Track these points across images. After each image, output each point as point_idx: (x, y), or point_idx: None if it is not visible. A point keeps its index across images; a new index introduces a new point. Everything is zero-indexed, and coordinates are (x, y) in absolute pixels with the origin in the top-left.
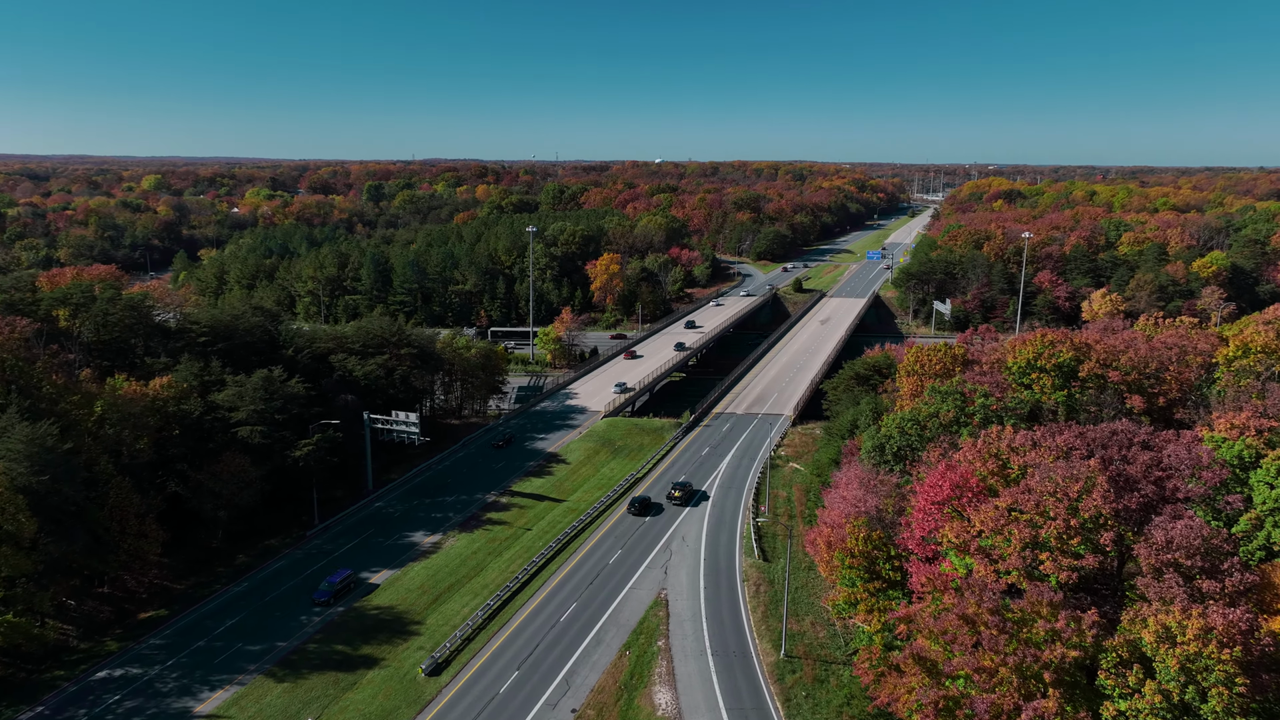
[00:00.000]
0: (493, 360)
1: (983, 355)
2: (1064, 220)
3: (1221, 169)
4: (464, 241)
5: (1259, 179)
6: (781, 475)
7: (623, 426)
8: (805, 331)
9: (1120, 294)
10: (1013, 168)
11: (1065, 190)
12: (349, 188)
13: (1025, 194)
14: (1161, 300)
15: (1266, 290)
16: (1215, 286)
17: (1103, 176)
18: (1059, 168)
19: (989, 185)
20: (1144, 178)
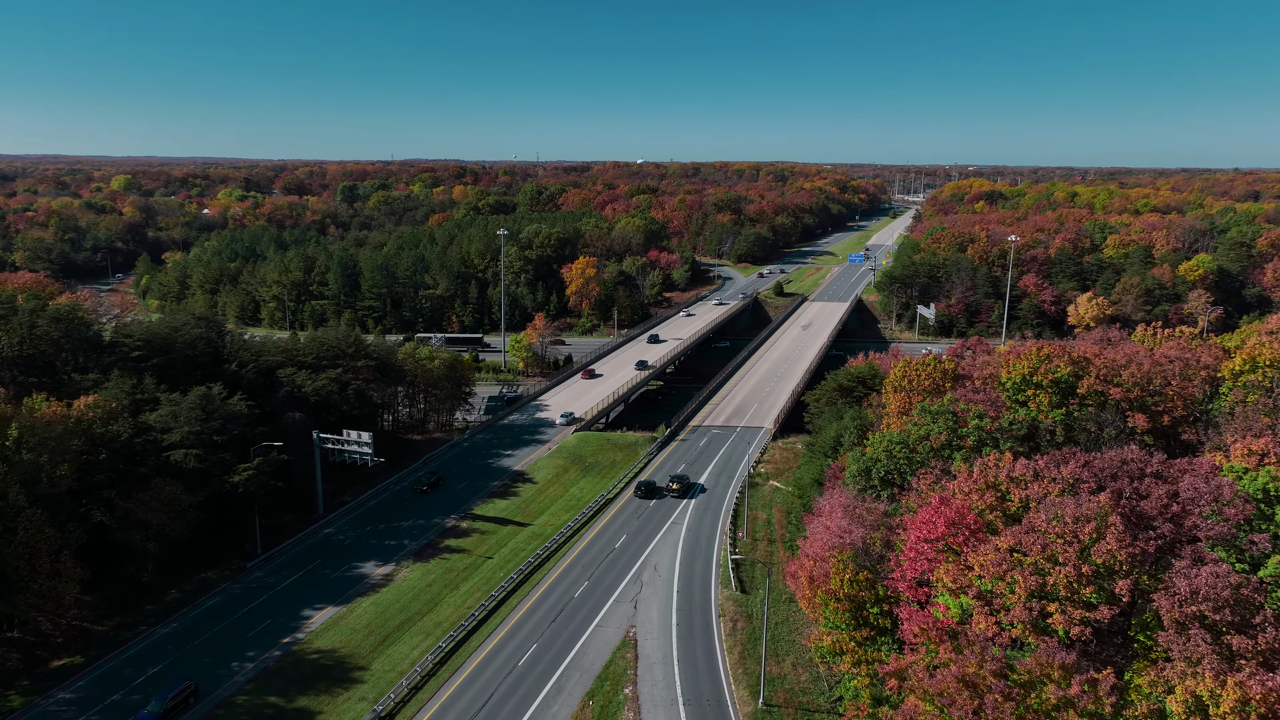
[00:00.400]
0: (458, 371)
1: (974, 369)
2: (1048, 223)
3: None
4: (436, 244)
5: (1235, 180)
6: (761, 494)
7: (594, 441)
8: (786, 338)
9: (1106, 298)
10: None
11: (1046, 191)
12: (324, 188)
13: (1007, 195)
14: (1148, 304)
15: (1253, 294)
16: (1202, 290)
17: (1081, 177)
18: (1038, 168)
19: (970, 186)
20: (1122, 179)
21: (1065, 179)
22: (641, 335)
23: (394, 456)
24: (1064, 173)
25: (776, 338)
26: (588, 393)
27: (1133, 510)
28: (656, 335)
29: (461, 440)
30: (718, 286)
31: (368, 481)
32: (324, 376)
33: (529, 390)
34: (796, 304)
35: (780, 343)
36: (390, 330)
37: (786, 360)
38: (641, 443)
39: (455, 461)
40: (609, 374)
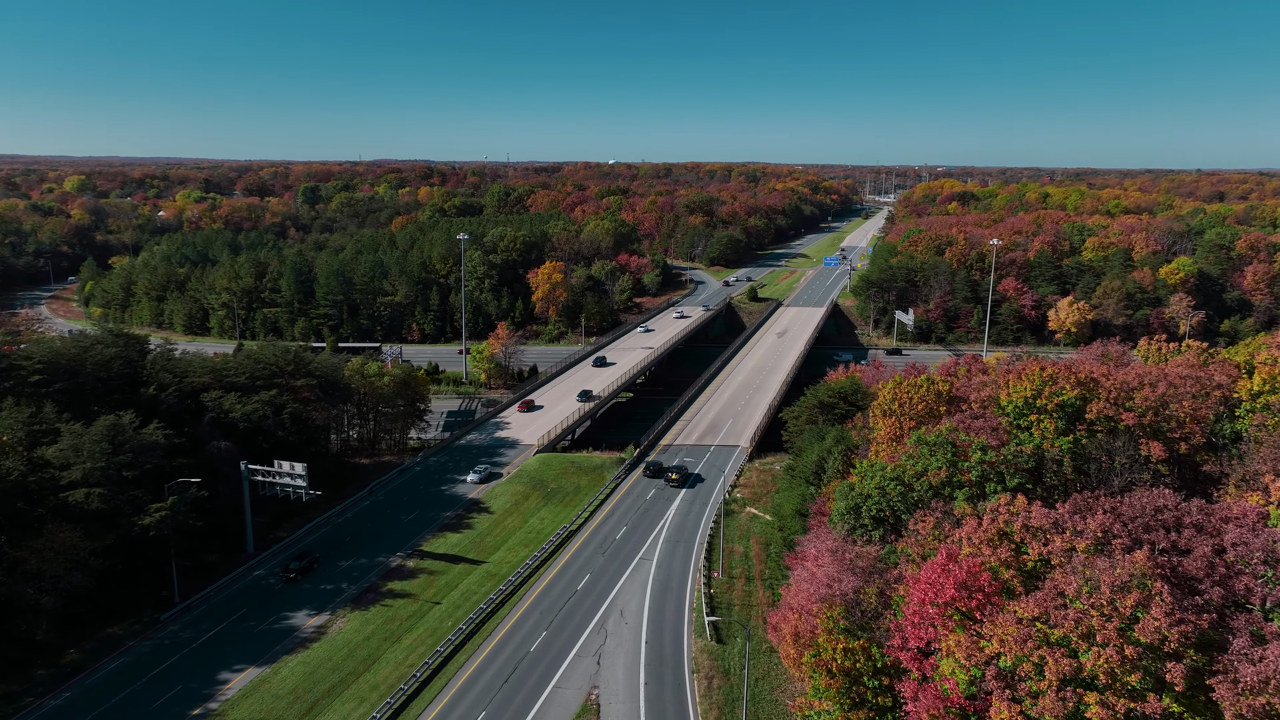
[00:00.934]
0: (412, 386)
1: (970, 391)
2: (1025, 225)
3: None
4: (396, 248)
5: (1200, 181)
6: (738, 523)
7: (557, 464)
8: (761, 346)
9: (1087, 302)
10: (961, 169)
11: (1018, 192)
12: (288, 190)
13: (979, 196)
14: (1129, 308)
15: (1233, 297)
16: (1183, 294)
17: (1049, 178)
18: (1005, 169)
19: (941, 187)
20: (1090, 179)
21: (1033, 179)
22: (624, 337)
23: (339, 483)
24: (1031, 173)
25: (751, 346)
26: (552, 408)
27: (1173, 570)
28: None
29: (414, 464)
30: (690, 291)
31: (306, 514)
32: (256, 399)
33: (489, 407)
34: (771, 309)
35: (755, 351)
36: (347, 339)
37: (762, 370)
38: (608, 465)
39: (405, 489)
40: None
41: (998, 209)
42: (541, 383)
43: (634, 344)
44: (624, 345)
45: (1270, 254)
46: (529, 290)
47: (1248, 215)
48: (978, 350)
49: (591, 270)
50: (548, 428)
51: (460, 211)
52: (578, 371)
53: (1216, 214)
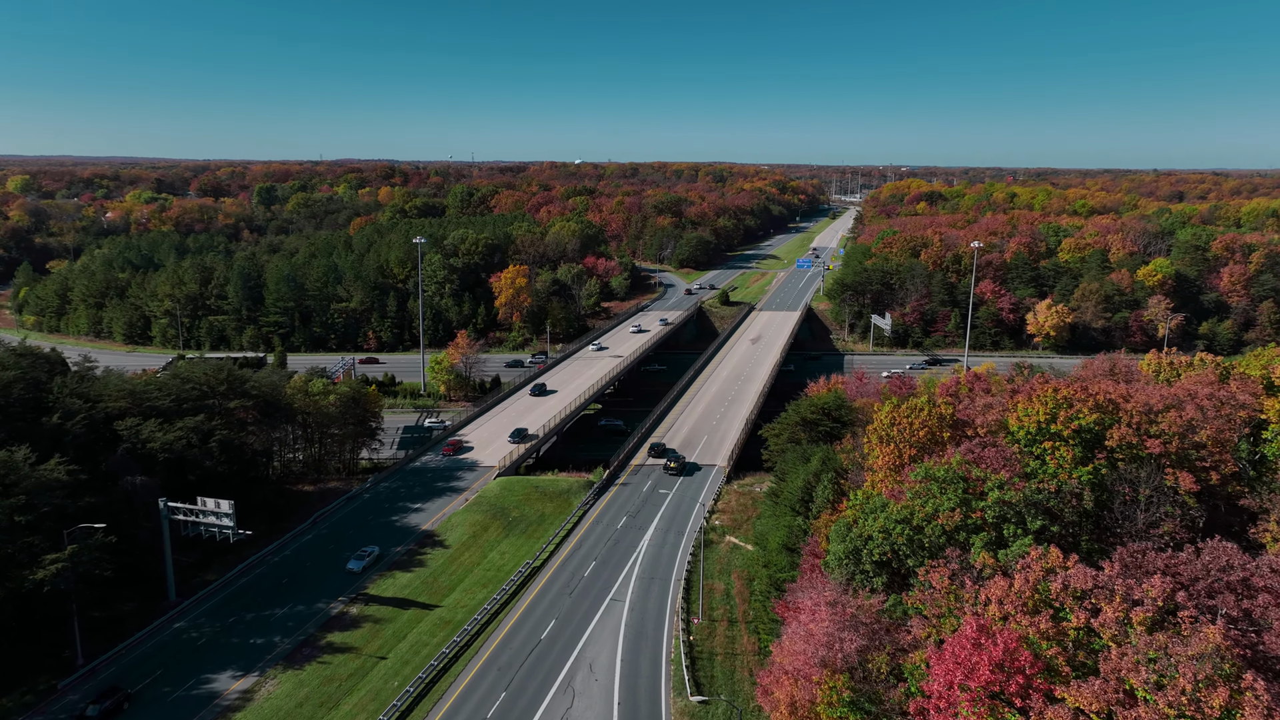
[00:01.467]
0: (362, 404)
1: (975, 414)
2: (1000, 225)
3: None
4: (353, 251)
5: (1159, 181)
6: (717, 555)
7: (520, 489)
8: (735, 353)
9: (1066, 304)
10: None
11: (985, 192)
12: (244, 190)
13: (946, 196)
14: (1108, 311)
15: (1210, 299)
16: (1161, 296)
17: (1012, 178)
18: (969, 169)
19: (908, 187)
20: (1051, 179)
21: (996, 179)
22: (590, 344)
23: (278, 514)
24: (994, 173)
25: (724, 353)
26: (514, 424)
27: (1251, 648)
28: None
29: (362, 490)
30: (659, 295)
31: (240, 552)
32: (181, 426)
33: (445, 424)
34: (744, 314)
35: (729, 359)
36: (299, 348)
37: (737, 380)
38: (575, 489)
39: (352, 520)
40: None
41: (966, 209)
42: (503, 397)
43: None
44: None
45: (1245, 255)
46: (491, 295)
47: (1212, 215)
48: (957, 355)
49: (557, 274)
50: (509, 447)
51: (421, 212)
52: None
53: (1181, 214)
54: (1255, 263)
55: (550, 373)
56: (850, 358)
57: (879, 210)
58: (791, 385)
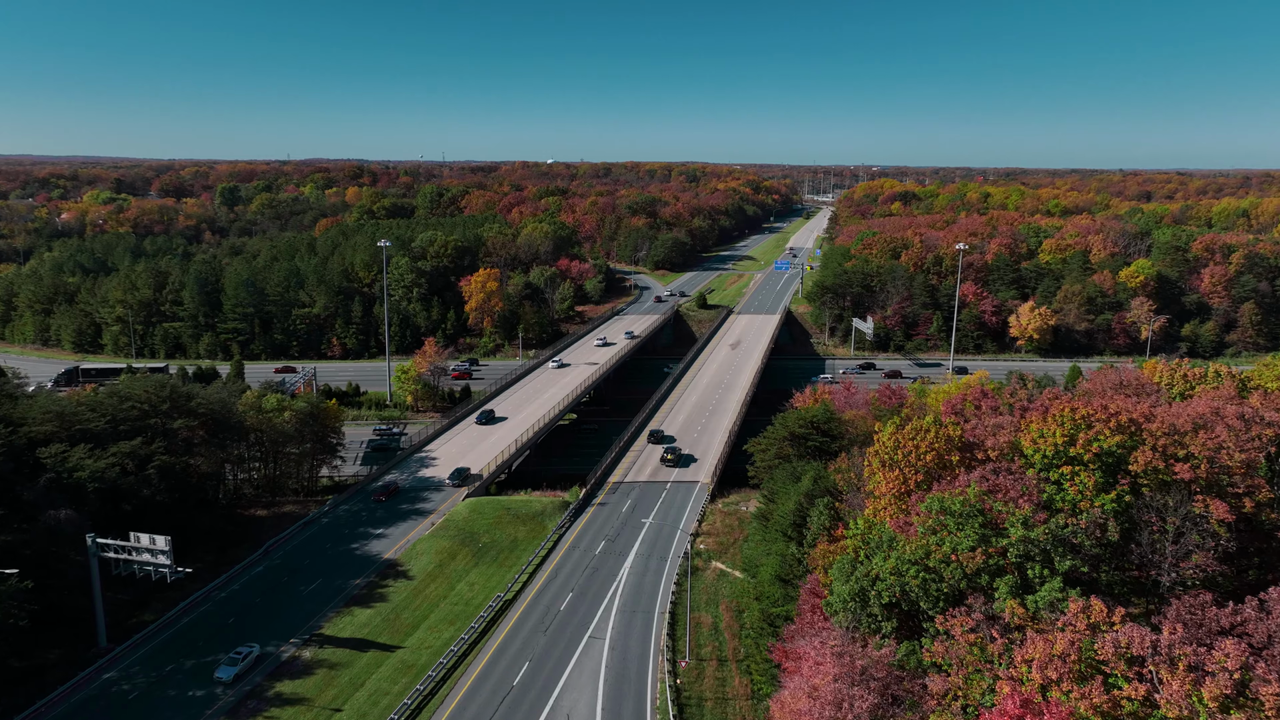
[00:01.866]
0: (321, 420)
1: (984, 434)
2: (979, 226)
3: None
4: (316, 254)
5: (1126, 181)
6: (703, 583)
7: (490, 511)
8: (715, 360)
9: (1048, 306)
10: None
11: (959, 192)
12: (208, 190)
13: (920, 196)
14: (1091, 313)
15: (1192, 300)
16: (1144, 298)
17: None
18: (939, 169)
19: (882, 187)
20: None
21: (966, 178)
22: (563, 351)
23: (228, 543)
24: (964, 173)
25: (703, 360)
26: (484, 440)
27: None
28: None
29: (320, 514)
30: (634, 298)
31: (183, 588)
32: (113, 452)
33: (412, 438)
34: (722, 318)
35: (709, 366)
36: (260, 356)
37: (718, 388)
38: (550, 510)
39: (308, 549)
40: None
41: (940, 208)
42: (470, 410)
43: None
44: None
45: (1225, 256)
46: (461, 300)
47: (1184, 215)
48: (940, 359)
49: (530, 277)
50: (480, 463)
51: (390, 213)
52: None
53: (1154, 214)
54: (1235, 263)
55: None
56: (832, 362)
57: (854, 210)
58: (773, 393)
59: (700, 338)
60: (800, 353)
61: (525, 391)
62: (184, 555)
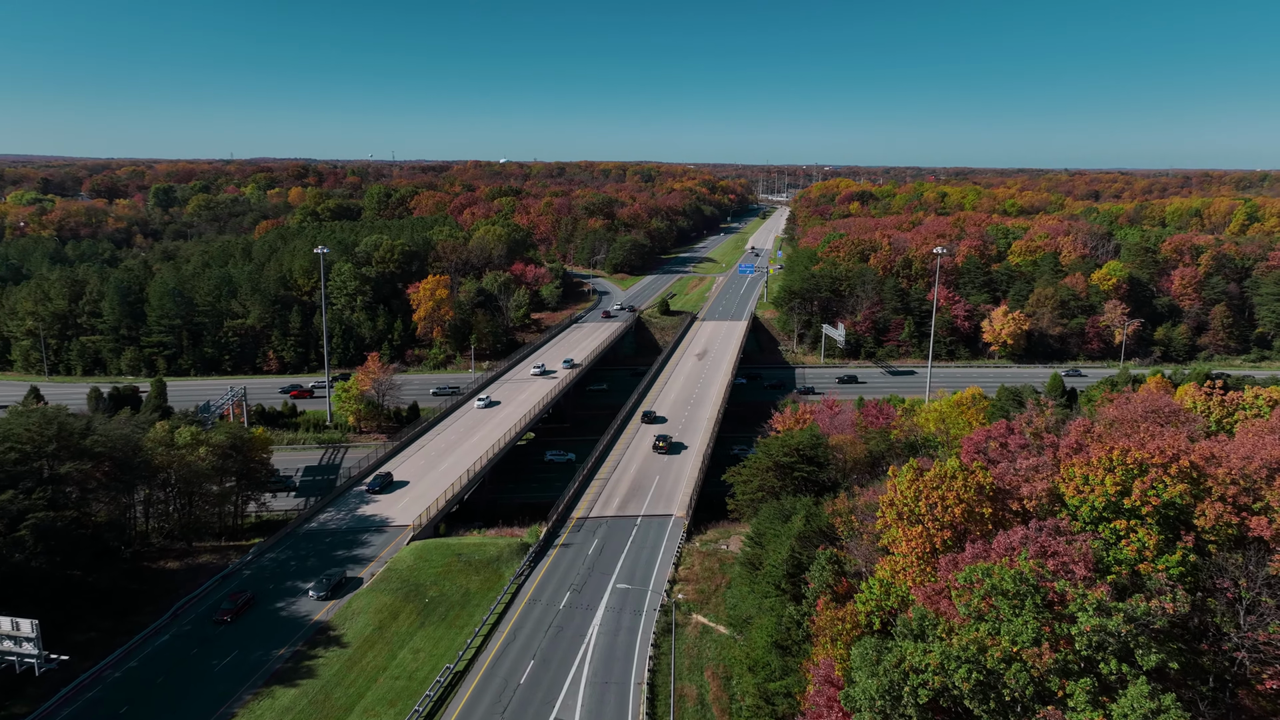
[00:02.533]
0: (246, 451)
1: (1017, 481)
2: (947, 228)
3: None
4: (252, 260)
5: (1074, 180)
6: (685, 643)
7: (439, 558)
8: (681, 371)
9: (1021, 311)
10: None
11: (916, 191)
12: (142, 190)
13: (878, 195)
14: (1064, 316)
15: (1164, 303)
16: (1117, 301)
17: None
18: (890, 168)
19: (838, 186)
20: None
21: (916, 178)
22: (522, 363)
23: (128, 607)
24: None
25: (669, 371)
26: (436, 465)
27: None
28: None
29: (241, 565)
30: (593, 304)
31: (69, 668)
32: None
33: (350, 470)
34: (686, 324)
35: (675, 378)
36: (188, 372)
37: (686, 404)
38: (507, 555)
39: (224, 610)
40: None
41: (898, 209)
42: (422, 431)
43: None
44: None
45: (1194, 257)
46: (409, 308)
47: (1138, 215)
48: (914, 366)
49: (482, 283)
50: (427, 497)
51: (335, 215)
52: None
53: (1109, 214)
54: (1204, 264)
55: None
56: (801, 370)
57: (812, 210)
58: (743, 406)
59: (664, 347)
60: (769, 361)
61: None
62: (72, 626)
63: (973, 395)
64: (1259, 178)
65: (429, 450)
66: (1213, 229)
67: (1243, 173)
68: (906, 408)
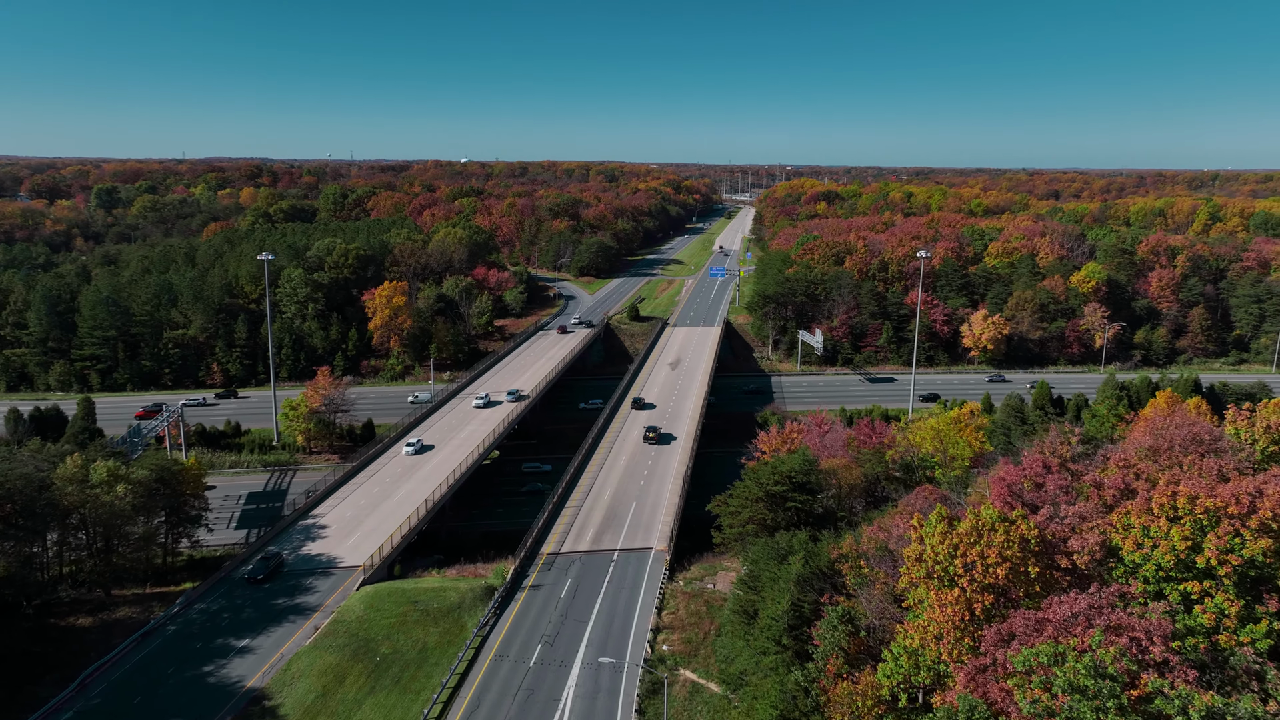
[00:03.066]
0: (175, 485)
1: (1062, 531)
2: (920, 229)
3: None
4: (195, 266)
5: (1034, 180)
6: (674, 706)
7: (392, 606)
8: (654, 383)
9: (1001, 314)
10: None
11: (881, 191)
12: (87, 190)
13: (844, 196)
14: (1044, 320)
15: (1142, 305)
16: (1096, 304)
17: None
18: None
19: (804, 186)
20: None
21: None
22: (486, 374)
23: (30, 674)
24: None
25: (642, 381)
26: (392, 493)
27: None
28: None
29: (168, 617)
30: (560, 309)
31: None
32: None
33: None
34: (657, 331)
35: (649, 390)
36: (124, 386)
37: (661, 418)
38: (469, 601)
39: (141, 676)
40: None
41: (865, 209)
42: (376, 454)
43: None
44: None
45: (1171, 258)
46: (365, 316)
47: (1103, 214)
48: (893, 372)
49: (443, 288)
50: (380, 533)
51: (289, 216)
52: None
53: (1074, 213)
54: (1180, 265)
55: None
56: (778, 379)
57: (779, 211)
58: (721, 418)
59: (635, 355)
60: (744, 369)
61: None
62: None
63: (970, 411)
64: (1210, 177)
65: (383, 476)
66: (1177, 228)
67: (1194, 173)
68: (901, 425)
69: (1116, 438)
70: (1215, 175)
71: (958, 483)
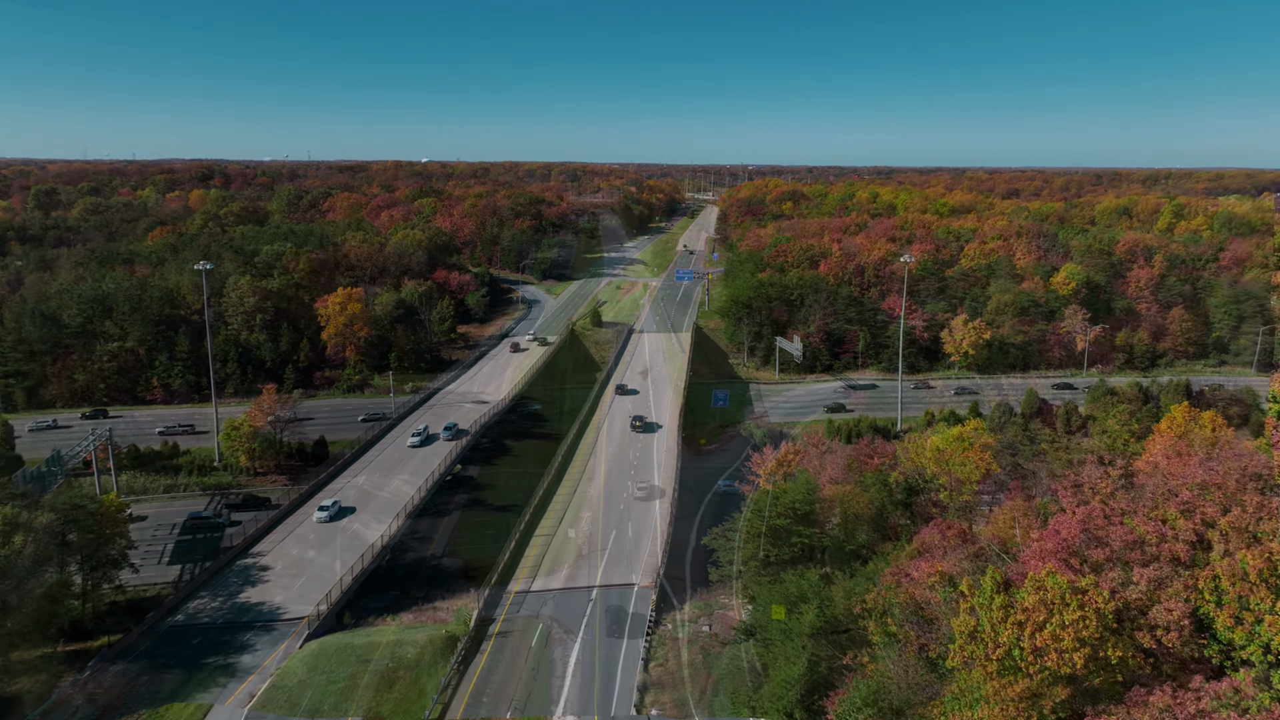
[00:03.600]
0: (93, 526)
1: (1139, 599)
2: (894, 230)
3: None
4: (132, 275)
5: (994, 179)
6: None
7: (341, 667)
8: (624, 396)
9: (981, 319)
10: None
11: (848, 191)
12: (26, 190)
13: (809, 195)
14: (1025, 324)
15: (1121, 306)
16: (1077, 306)
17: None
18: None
19: (768, 186)
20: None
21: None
22: (450, 385)
23: None
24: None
25: (610, 396)
26: (332, 539)
27: None
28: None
29: (73, 689)
30: (524, 313)
31: None
32: None
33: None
34: (624, 338)
35: (620, 403)
36: (53, 404)
37: (638, 437)
38: (428, 654)
39: None
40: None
41: (831, 208)
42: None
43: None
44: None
45: (1148, 257)
46: (318, 325)
47: (1068, 213)
48: (874, 379)
49: (401, 293)
50: (329, 576)
51: (240, 219)
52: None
53: (1039, 212)
54: (1158, 265)
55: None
56: (757, 386)
57: (745, 212)
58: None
59: (603, 365)
60: (717, 376)
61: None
62: None
63: (974, 428)
64: (1164, 175)
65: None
66: (1142, 226)
67: (1148, 170)
68: (903, 443)
69: (1130, 453)
70: (1169, 174)
71: (965, 508)
